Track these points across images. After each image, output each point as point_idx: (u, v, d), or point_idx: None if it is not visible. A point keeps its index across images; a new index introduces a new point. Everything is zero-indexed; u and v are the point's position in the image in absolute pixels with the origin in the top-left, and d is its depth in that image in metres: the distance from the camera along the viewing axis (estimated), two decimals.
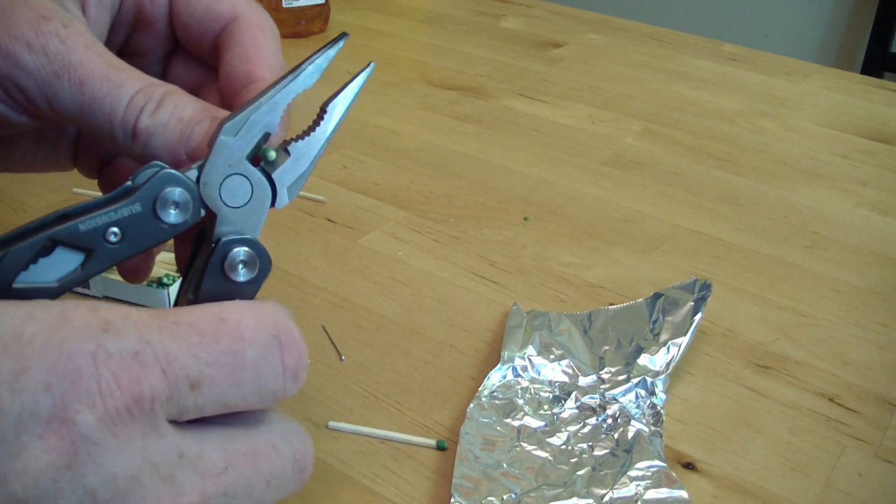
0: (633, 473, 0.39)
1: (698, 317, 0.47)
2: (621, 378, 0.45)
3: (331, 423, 0.43)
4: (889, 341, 0.52)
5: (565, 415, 0.43)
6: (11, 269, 0.25)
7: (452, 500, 0.37)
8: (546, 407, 0.44)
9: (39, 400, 0.22)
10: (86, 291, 0.51)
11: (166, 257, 0.51)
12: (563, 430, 0.42)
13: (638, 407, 0.44)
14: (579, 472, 0.40)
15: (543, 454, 0.41)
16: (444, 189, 0.67)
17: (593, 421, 0.43)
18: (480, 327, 0.51)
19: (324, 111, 0.29)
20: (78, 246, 0.26)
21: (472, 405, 0.43)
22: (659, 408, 0.44)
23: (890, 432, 0.45)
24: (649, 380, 0.44)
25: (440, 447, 0.42)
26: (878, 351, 0.51)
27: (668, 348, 0.46)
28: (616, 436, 0.42)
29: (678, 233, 0.62)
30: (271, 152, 0.28)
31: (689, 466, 0.42)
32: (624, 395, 0.44)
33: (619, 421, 0.43)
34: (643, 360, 0.46)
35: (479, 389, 0.44)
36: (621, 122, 0.81)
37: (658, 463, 0.40)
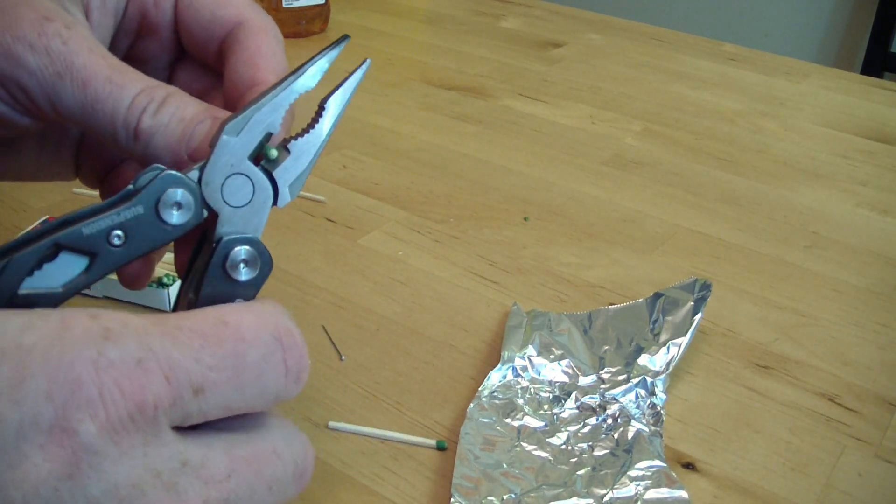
0: (633, 473, 0.39)
1: (698, 317, 0.47)
2: (621, 378, 0.45)
3: (331, 423, 0.43)
4: (889, 341, 0.52)
5: (565, 415, 0.43)
6: (16, 276, 0.25)
7: (452, 500, 0.37)
8: (546, 407, 0.44)
9: (40, 409, 0.22)
10: (86, 292, 0.50)
11: (166, 257, 0.51)
12: (563, 430, 0.43)
13: (638, 407, 0.44)
14: (579, 472, 0.40)
15: (543, 454, 0.41)
16: (444, 189, 0.67)
17: (593, 421, 0.43)
18: (480, 327, 0.51)
19: (322, 108, 0.29)
20: (82, 250, 0.26)
21: (472, 405, 0.43)
22: (659, 408, 0.44)
23: (890, 432, 0.45)
24: (649, 380, 0.45)
25: (440, 447, 0.42)
26: (878, 351, 0.51)
27: (668, 348, 0.46)
28: (616, 436, 0.42)
29: (678, 233, 0.62)
30: (272, 151, 0.28)
31: (689, 466, 0.42)
32: (624, 395, 0.44)
33: (619, 421, 0.43)
34: (643, 360, 0.46)
35: (479, 389, 0.44)
36: (621, 122, 0.81)
37: (658, 463, 0.40)
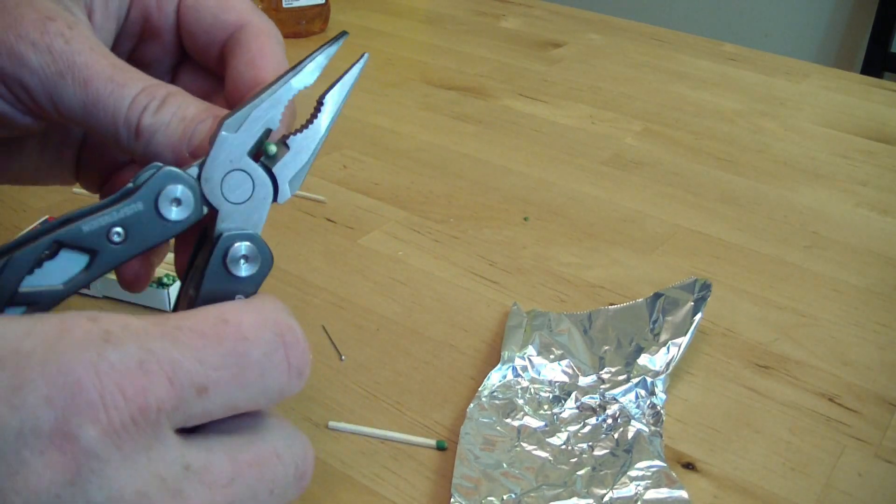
0: (633, 473, 0.39)
1: (698, 317, 0.47)
2: (621, 378, 0.45)
3: (331, 423, 0.43)
4: (889, 341, 0.52)
5: (565, 415, 0.43)
6: (17, 274, 0.25)
7: (452, 500, 0.37)
8: (546, 407, 0.44)
9: (40, 414, 0.21)
10: (86, 292, 0.51)
11: (167, 257, 0.51)
12: (563, 430, 0.42)
13: (638, 407, 0.44)
14: (579, 472, 0.40)
15: (543, 454, 0.41)
16: (444, 189, 0.67)
17: (593, 421, 0.43)
18: (480, 327, 0.51)
19: (320, 103, 0.29)
20: (82, 247, 0.26)
21: (472, 405, 0.43)
22: (659, 408, 0.44)
23: (890, 432, 0.45)
24: (649, 380, 0.45)
25: (440, 447, 0.42)
26: (878, 351, 0.51)
27: (668, 348, 0.46)
28: (616, 436, 0.42)
29: (678, 233, 0.62)
30: (272, 147, 0.28)
31: (689, 466, 0.42)
32: (624, 395, 0.44)
33: (619, 421, 0.43)
34: (643, 360, 0.46)
35: (479, 389, 0.44)
36: (621, 122, 0.81)
37: (658, 463, 0.40)
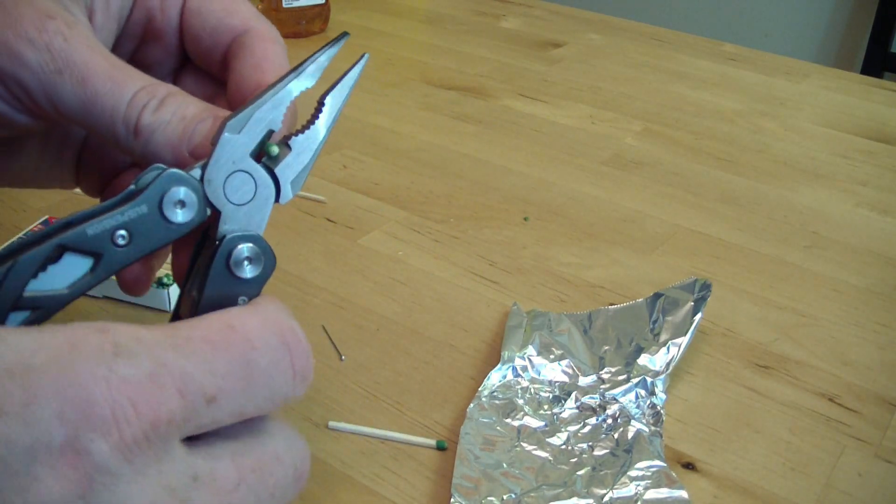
0: (633, 473, 0.39)
1: (698, 317, 0.47)
2: (621, 378, 0.45)
3: (331, 423, 0.43)
4: (889, 341, 0.52)
5: (565, 415, 0.43)
6: (21, 278, 0.25)
7: (452, 500, 0.37)
8: (546, 407, 0.44)
9: (51, 430, 0.21)
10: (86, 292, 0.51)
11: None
12: (563, 430, 0.42)
13: (638, 407, 0.44)
14: (579, 472, 0.40)
15: (543, 454, 0.41)
16: (444, 189, 0.67)
17: (593, 421, 0.43)
18: (480, 327, 0.51)
19: (321, 104, 0.29)
20: (86, 250, 0.26)
21: (472, 405, 0.43)
22: (659, 408, 0.44)
23: (890, 432, 0.45)
24: (649, 380, 0.44)
25: (440, 447, 0.42)
26: (878, 351, 0.51)
27: (668, 348, 0.46)
28: (616, 436, 0.42)
29: (678, 233, 0.62)
30: (274, 148, 0.28)
31: (689, 466, 0.42)
32: (624, 395, 0.44)
33: (619, 421, 0.43)
34: (643, 360, 0.46)
35: (479, 389, 0.44)
36: (621, 122, 0.81)
37: (658, 463, 0.40)
